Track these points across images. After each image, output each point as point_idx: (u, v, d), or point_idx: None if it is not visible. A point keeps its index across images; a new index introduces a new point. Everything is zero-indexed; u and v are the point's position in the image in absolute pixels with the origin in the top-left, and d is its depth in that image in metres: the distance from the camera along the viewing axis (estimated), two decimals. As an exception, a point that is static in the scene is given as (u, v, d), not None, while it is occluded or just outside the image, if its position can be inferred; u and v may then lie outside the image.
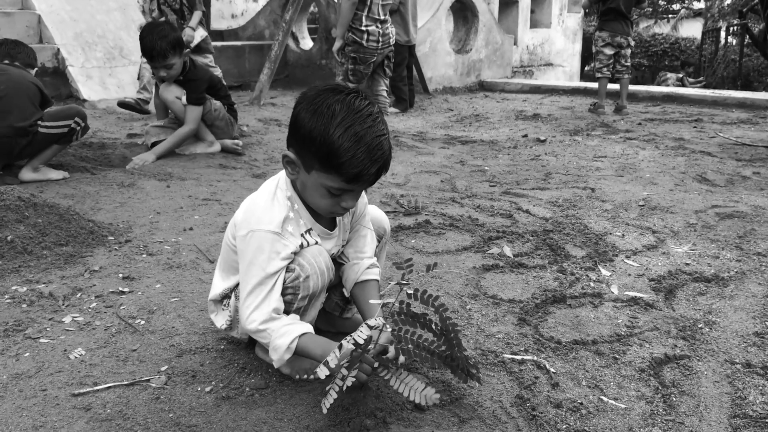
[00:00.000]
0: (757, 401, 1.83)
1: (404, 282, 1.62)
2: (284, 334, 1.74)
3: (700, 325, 2.28)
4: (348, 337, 1.57)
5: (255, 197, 1.84)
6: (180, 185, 3.93)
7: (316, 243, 1.84)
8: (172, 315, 2.26)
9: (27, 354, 1.97)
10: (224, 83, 4.96)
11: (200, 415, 1.72)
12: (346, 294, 2.02)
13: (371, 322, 1.59)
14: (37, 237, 2.68)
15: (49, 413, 1.69)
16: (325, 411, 1.59)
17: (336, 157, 1.62)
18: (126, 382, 1.84)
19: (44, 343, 2.03)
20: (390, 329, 1.68)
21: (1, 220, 2.64)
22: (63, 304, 2.28)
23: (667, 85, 16.25)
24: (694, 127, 6.75)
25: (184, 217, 3.32)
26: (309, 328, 1.78)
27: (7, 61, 3.97)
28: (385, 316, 1.65)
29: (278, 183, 1.83)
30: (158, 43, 4.27)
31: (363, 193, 1.96)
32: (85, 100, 7.12)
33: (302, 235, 1.81)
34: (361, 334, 1.57)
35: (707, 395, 1.87)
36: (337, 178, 1.66)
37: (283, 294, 1.78)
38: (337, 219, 1.92)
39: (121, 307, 2.29)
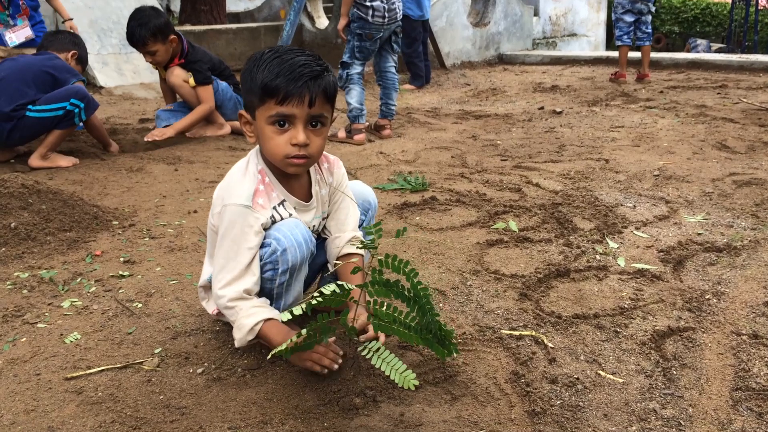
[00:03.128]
0: (762, 373, 1.77)
1: (372, 245, 1.58)
2: (251, 315, 1.73)
3: (707, 296, 2.21)
4: (315, 293, 1.56)
5: (228, 175, 1.84)
6: (188, 168, 3.93)
7: (291, 215, 1.82)
8: (170, 298, 2.26)
9: (24, 339, 1.99)
10: (226, 65, 4.94)
11: (190, 396, 1.72)
12: (331, 269, 2.00)
13: (342, 283, 1.56)
14: (41, 223, 2.70)
15: (41, 397, 1.71)
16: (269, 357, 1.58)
17: (263, 81, 1.68)
18: (119, 365, 1.85)
19: (41, 328, 2.05)
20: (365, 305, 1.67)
21: (5, 207, 2.67)
22: (63, 289, 2.30)
23: (697, 52, 15.79)
24: (718, 93, 6.55)
25: (190, 200, 3.32)
26: (276, 314, 1.77)
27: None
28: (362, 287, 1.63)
29: (249, 157, 1.84)
30: (137, 30, 4.28)
31: (340, 163, 1.95)
32: (101, 87, 7.16)
33: (274, 207, 1.79)
34: (327, 288, 1.54)
35: (709, 368, 1.81)
36: (271, 102, 1.69)
37: (262, 270, 1.76)
38: (313, 190, 1.89)
39: (120, 291, 2.30)
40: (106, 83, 7.26)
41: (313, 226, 1.94)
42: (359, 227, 2.03)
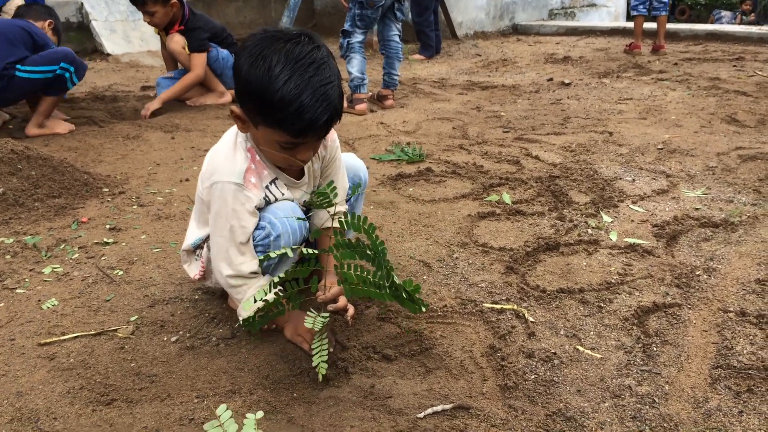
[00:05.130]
0: (745, 351, 1.72)
1: (330, 204, 1.54)
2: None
3: (698, 273, 2.16)
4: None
5: (217, 147, 1.78)
6: (185, 136, 3.91)
7: (283, 195, 1.77)
8: (151, 265, 2.24)
9: (2, 304, 1.99)
10: (229, 32, 4.88)
11: (162, 364, 1.71)
12: (310, 239, 1.96)
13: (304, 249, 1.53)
14: (29, 189, 2.69)
15: (13, 362, 1.71)
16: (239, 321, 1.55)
17: (278, 113, 1.51)
18: (93, 332, 1.84)
19: (20, 293, 2.05)
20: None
21: (-6, 172, 2.66)
22: (45, 256, 2.29)
23: (722, 23, 15.38)
24: (734, 66, 6.38)
25: (183, 168, 3.30)
26: (265, 284, 1.74)
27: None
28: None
29: (237, 132, 1.74)
30: None
31: (334, 135, 1.89)
32: (109, 54, 7.13)
33: (266, 187, 1.73)
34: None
35: (691, 345, 1.76)
36: (283, 133, 1.56)
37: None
38: (305, 166, 1.84)
39: (102, 258, 2.29)
40: (113, 50, 7.22)
41: (304, 201, 1.90)
42: (347, 201, 2.00)
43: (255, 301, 1.58)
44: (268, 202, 1.75)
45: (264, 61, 1.50)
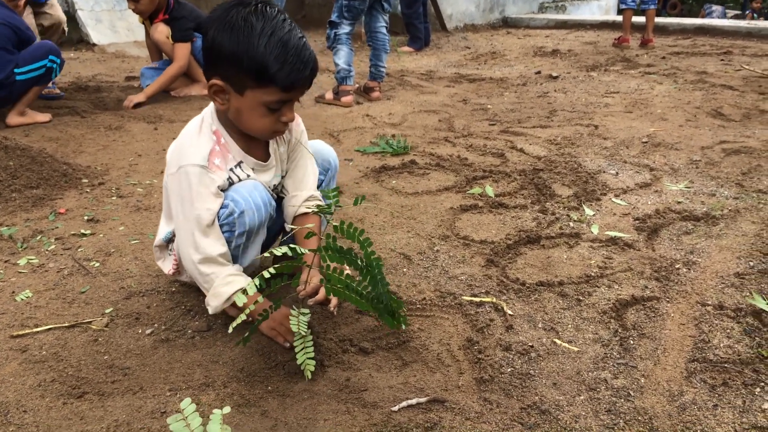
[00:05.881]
0: (722, 344, 1.72)
1: (328, 211, 1.54)
2: (228, 283, 1.68)
3: (677, 266, 2.16)
4: (266, 253, 1.53)
5: (182, 134, 1.76)
6: (168, 128, 3.87)
7: (248, 177, 1.76)
8: (128, 257, 2.22)
9: (-25, 296, 1.96)
10: None
11: (136, 357, 1.69)
12: (287, 229, 1.94)
13: (296, 247, 1.51)
14: (6, 180, 2.66)
15: (-16, 355, 1.68)
16: (230, 330, 1.51)
17: (269, 68, 1.56)
18: (67, 324, 1.82)
19: (-6, 285, 2.03)
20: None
21: (-30, 163, 2.63)
22: (21, 247, 2.26)
23: (712, 18, 15.40)
24: (722, 60, 6.39)
25: (165, 160, 3.26)
26: (250, 282, 1.72)
27: None
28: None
29: (203, 117, 1.75)
30: None
31: (300, 121, 1.88)
32: (95, 44, 7.05)
33: (231, 169, 1.72)
34: (279, 249, 1.49)
35: (668, 338, 1.76)
36: (274, 90, 1.60)
37: None
38: (271, 149, 1.83)
39: (79, 250, 2.26)
40: (99, 40, 7.14)
41: (273, 185, 1.88)
42: (318, 188, 1.98)
43: (243, 293, 1.53)
44: (231, 183, 1.73)
45: (245, 23, 1.55)
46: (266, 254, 1.54)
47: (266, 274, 1.49)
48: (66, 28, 4.98)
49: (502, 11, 10.51)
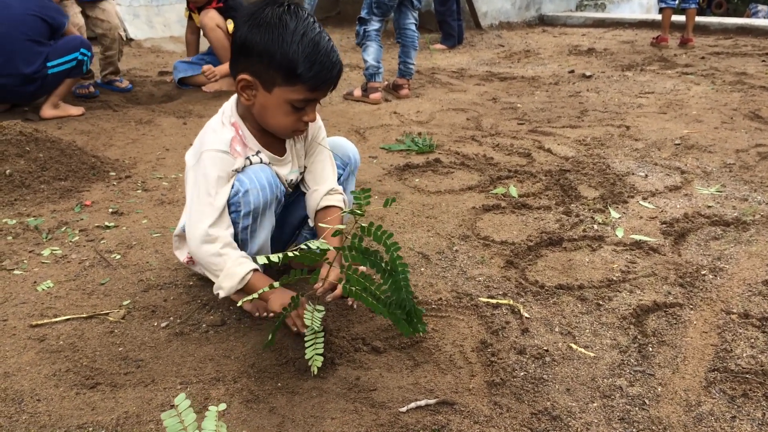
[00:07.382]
0: (744, 354, 1.67)
1: (359, 212, 1.53)
2: (241, 264, 1.70)
3: (703, 272, 2.10)
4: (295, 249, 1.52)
5: (204, 129, 1.80)
6: (197, 122, 3.91)
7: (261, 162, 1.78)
8: (149, 250, 2.25)
9: (-2, 285, 2.00)
10: None
11: (149, 350, 1.71)
12: (311, 224, 1.95)
13: (319, 243, 1.50)
14: (36, 171, 2.71)
15: (3, 343, 1.72)
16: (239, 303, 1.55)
17: (299, 66, 1.60)
18: (84, 315, 1.84)
19: (17, 274, 2.06)
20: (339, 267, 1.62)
21: (1, 154, 2.68)
22: (46, 238, 2.31)
23: (757, 18, 14.96)
24: (763, 61, 6.20)
25: (192, 154, 3.30)
26: (258, 265, 1.72)
27: None
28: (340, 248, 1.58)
29: (223, 110, 1.79)
30: None
31: (318, 117, 1.88)
32: (131, 39, 7.17)
33: (248, 158, 1.75)
34: (312, 243, 1.49)
35: (689, 346, 1.71)
36: (302, 88, 1.63)
37: None
38: (287, 144, 1.85)
39: (102, 242, 2.29)
40: (135, 35, 7.26)
41: (290, 180, 1.89)
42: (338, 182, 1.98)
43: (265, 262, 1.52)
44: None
45: (279, 21, 1.59)
46: (290, 252, 1.54)
47: (290, 254, 1.49)
48: (123, 34, 4.72)
49: (538, 9, 10.36)
